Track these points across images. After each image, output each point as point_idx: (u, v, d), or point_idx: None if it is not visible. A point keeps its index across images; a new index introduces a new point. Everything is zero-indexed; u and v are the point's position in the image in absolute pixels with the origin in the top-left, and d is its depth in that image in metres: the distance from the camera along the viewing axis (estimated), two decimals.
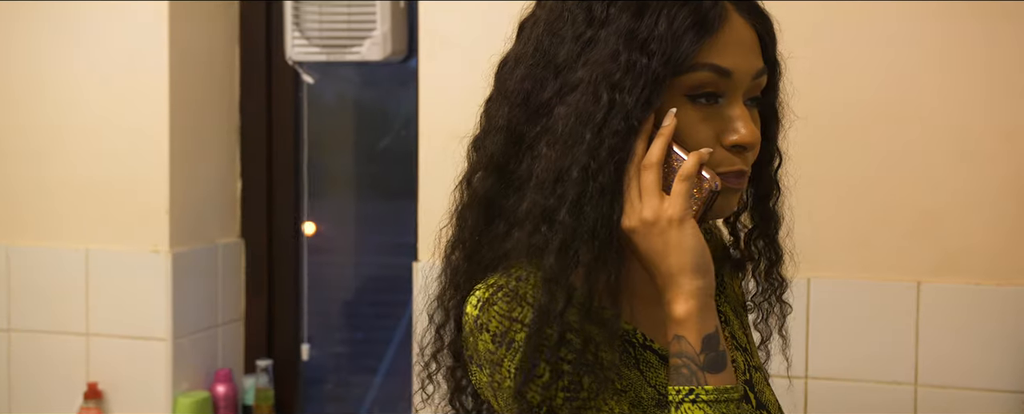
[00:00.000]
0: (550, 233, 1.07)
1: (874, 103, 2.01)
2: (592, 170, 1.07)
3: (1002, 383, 1.96)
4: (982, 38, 1.95)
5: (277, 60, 2.62)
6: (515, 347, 1.07)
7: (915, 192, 2.00)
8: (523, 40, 1.18)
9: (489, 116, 1.20)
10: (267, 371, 2.60)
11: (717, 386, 1.06)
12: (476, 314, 1.10)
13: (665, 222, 1.07)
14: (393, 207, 2.73)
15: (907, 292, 2.00)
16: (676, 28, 1.08)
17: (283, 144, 2.67)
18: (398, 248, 2.71)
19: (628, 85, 1.08)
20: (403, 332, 2.71)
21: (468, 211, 1.20)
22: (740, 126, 1.11)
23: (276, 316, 2.70)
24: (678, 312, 1.07)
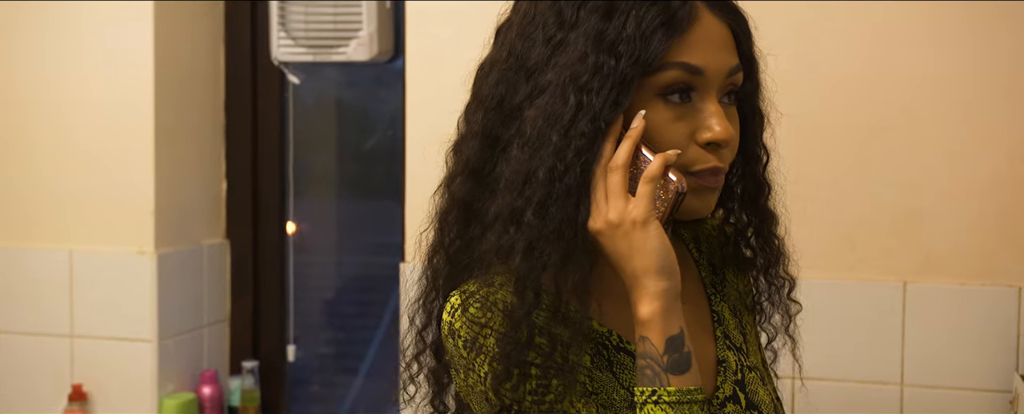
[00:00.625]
0: (517, 234, 1.08)
1: (858, 104, 2.02)
2: (558, 171, 1.08)
3: (988, 382, 1.97)
4: (968, 39, 1.97)
5: (263, 60, 2.61)
6: (485, 351, 1.08)
7: (900, 193, 2.01)
8: (498, 45, 1.19)
9: (467, 121, 1.21)
10: (253, 372, 2.59)
11: (680, 387, 1.06)
12: (450, 320, 1.11)
13: (629, 224, 1.07)
14: (378, 207, 2.73)
15: (893, 292, 2.01)
16: (644, 28, 1.08)
17: (268, 144, 2.66)
18: (384, 248, 2.71)
19: (595, 86, 1.08)
20: (384, 331, 2.71)
21: (447, 215, 1.21)
22: (714, 123, 1.11)
23: (261, 317, 2.69)
24: (642, 313, 1.08)
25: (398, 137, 2.49)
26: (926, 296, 2.00)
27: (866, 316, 2.03)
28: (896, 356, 2.02)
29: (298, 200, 2.68)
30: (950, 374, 1.99)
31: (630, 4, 1.10)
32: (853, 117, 2.02)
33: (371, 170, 2.73)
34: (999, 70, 1.95)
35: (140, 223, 2.42)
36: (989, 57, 1.95)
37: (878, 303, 2.02)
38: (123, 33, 2.39)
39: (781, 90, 1.22)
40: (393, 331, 2.66)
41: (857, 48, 2.02)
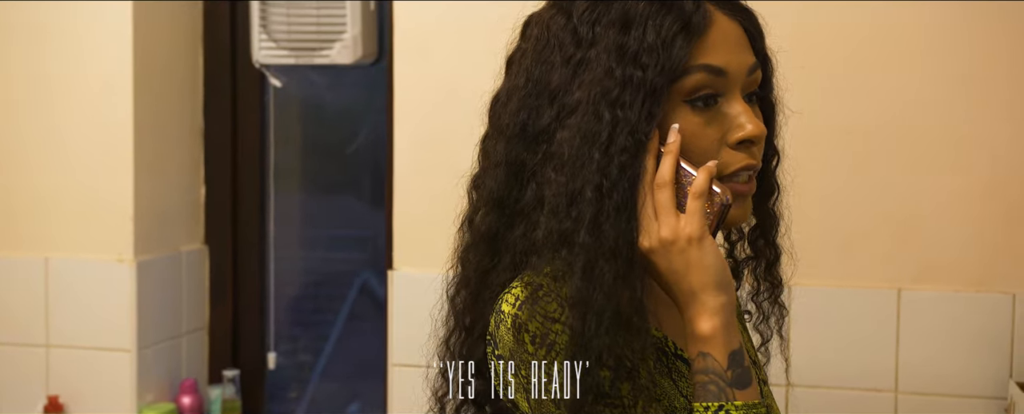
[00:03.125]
0: (572, 256, 1.06)
1: (855, 111, 2.01)
2: (606, 188, 1.07)
3: (981, 390, 1.97)
4: (965, 47, 1.96)
5: (242, 63, 2.56)
6: (556, 350, 1.06)
7: (896, 200, 2.00)
8: (512, 74, 1.18)
9: (486, 154, 1.20)
10: (234, 381, 2.54)
11: (746, 402, 1.06)
12: (515, 312, 1.09)
13: (684, 241, 1.07)
14: (362, 212, 2.69)
15: (888, 299, 2.01)
16: (664, 36, 1.08)
17: (248, 149, 2.61)
18: (368, 253, 2.67)
19: (628, 100, 1.07)
20: (340, 328, 2.67)
21: (471, 251, 1.19)
22: (744, 121, 1.11)
23: (241, 324, 2.64)
24: (703, 329, 1.07)
25: (382, 141, 2.45)
26: (921, 303, 2.00)
27: (861, 323, 2.02)
28: (891, 363, 2.01)
29: (279, 205, 2.64)
30: (945, 381, 1.99)
31: (645, 15, 1.10)
32: (849, 124, 2.01)
33: (354, 174, 2.69)
34: (995, 78, 1.95)
35: (119, 230, 2.36)
36: (985, 65, 1.95)
37: (873, 310, 2.01)
38: (101, 36, 2.33)
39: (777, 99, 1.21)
40: (349, 330, 2.62)
41: (854, 55, 2.01)
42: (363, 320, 2.67)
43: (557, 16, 1.14)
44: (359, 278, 2.67)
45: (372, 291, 2.65)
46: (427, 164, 2.20)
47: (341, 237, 2.74)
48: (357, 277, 2.67)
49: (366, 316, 2.67)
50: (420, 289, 2.19)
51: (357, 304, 2.67)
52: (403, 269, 2.24)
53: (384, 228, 2.39)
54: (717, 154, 1.11)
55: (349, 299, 2.67)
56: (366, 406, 2.68)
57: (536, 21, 1.17)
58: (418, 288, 2.20)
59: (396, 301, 2.24)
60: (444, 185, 2.17)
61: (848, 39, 2.01)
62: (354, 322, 2.68)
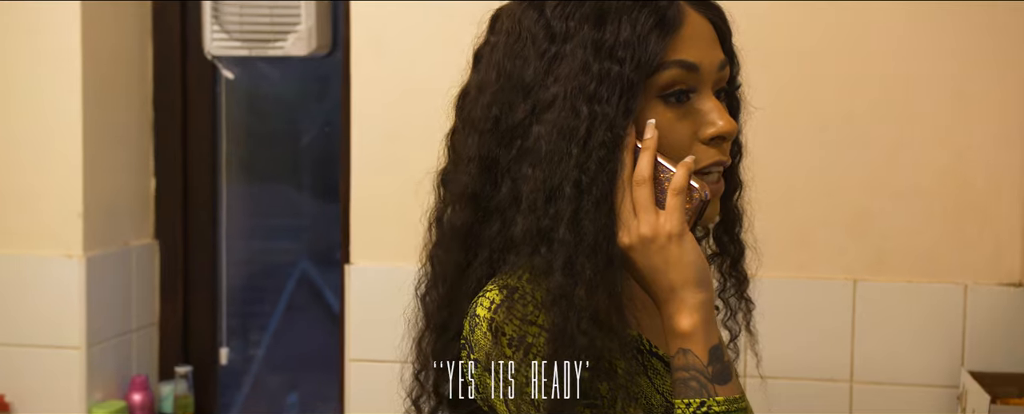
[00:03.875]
0: (551, 253, 1.06)
1: (810, 105, 2.03)
2: (585, 184, 1.06)
3: (934, 378, 2.01)
4: (917, 42, 1.99)
5: (193, 54, 2.52)
6: (533, 352, 1.06)
7: (852, 192, 2.03)
8: (482, 68, 1.16)
9: (455, 149, 1.18)
10: (186, 377, 2.51)
11: (727, 397, 1.06)
12: (490, 316, 1.08)
13: (664, 238, 1.07)
14: (316, 207, 2.66)
15: (844, 290, 2.03)
16: (640, 31, 1.08)
17: (200, 141, 2.57)
18: (323, 248, 2.65)
19: (605, 95, 1.07)
20: (278, 320, 2.65)
21: (441, 248, 1.18)
22: (716, 118, 1.12)
23: (192, 320, 2.61)
24: (683, 326, 1.07)
25: (337, 134, 2.43)
26: (876, 294, 2.02)
27: (818, 314, 2.04)
28: (846, 353, 2.04)
29: (231, 198, 2.60)
30: (899, 371, 2.02)
31: (619, 10, 1.10)
32: (804, 118, 2.03)
33: (306, 166, 2.67)
34: (947, 72, 1.98)
35: (67, 225, 2.31)
36: (937, 60, 1.98)
37: (829, 301, 2.04)
38: (48, 27, 2.28)
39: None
40: (287, 321, 2.60)
41: (808, 49, 2.03)
42: (304, 310, 2.65)
43: (529, 10, 1.13)
44: (296, 269, 2.65)
45: (311, 281, 2.63)
46: (383, 158, 2.19)
47: (289, 227, 2.71)
48: (294, 268, 2.65)
49: (306, 307, 2.65)
50: (376, 283, 2.20)
51: (296, 295, 2.65)
52: (359, 263, 2.22)
53: (337, 221, 2.37)
54: (689, 149, 1.11)
55: (286, 290, 2.65)
56: (307, 396, 2.66)
57: (506, 15, 1.16)
58: (374, 282, 2.20)
59: (352, 296, 2.22)
60: (400, 179, 2.19)
61: (804, 36, 2.03)
62: (296, 313, 2.66)
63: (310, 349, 2.66)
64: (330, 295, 2.61)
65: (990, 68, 1.96)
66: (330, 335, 2.56)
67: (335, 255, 2.53)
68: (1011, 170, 1.96)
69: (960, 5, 1.96)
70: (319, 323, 2.64)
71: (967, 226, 1.99)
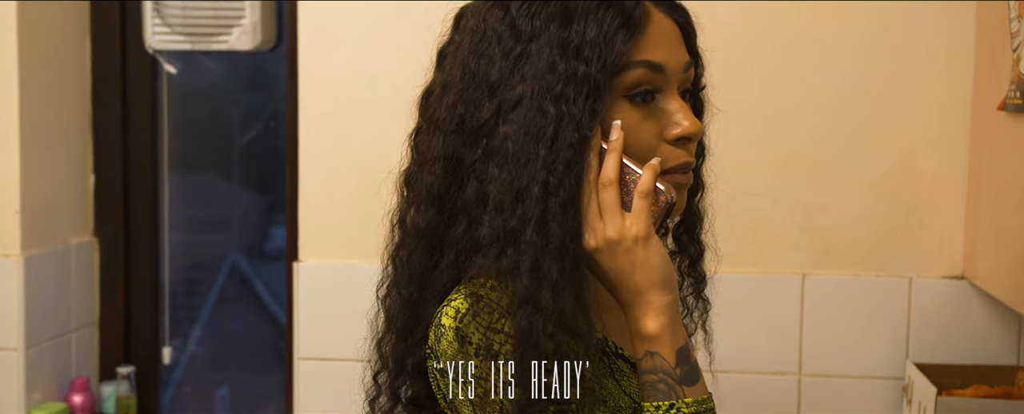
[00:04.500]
0: (518, 255, 1.05)
1: (759, 101, 2.05)
2: (552, 185, 1.06)
3: (880, 370, 2.04)
4: (865, 39, 2.02)
5: (133, 48, 2.46)
6: (499, 360, 1.05)
7: (800, 188, 2.05)
8: (446, 67, 1.15)
9: (419, 149, 1.17)
10: (128, 378, 2.46)
11: (695, 398, 1.06)
12: (458, 326, 1.07)
13: (630, 241, 1.07)
14: (260, 203, 2.63)
15: (793, 284, 2.06)
16: (606, 31, 1.07)
17: (140, 137, 2.51)
18: (269, 245, 2.61)
19: (572, 95, 1.06)
20: (208, 312, 2.62)
21: (405, 249, 1.17)
22: (681, 118, 1.12)
23: (133, 319, 2.55)
24: (649, 328, 1.07)
25: (284, 129, 2.39)
26: (824, 288, 2.05)
27: (767, 308, 2.07)
28: (795, 346, 2.07)
29: (173, 194, 2.55)
30: (846, 363, 2.05)
31: (585, 10, 1.09)
32: (754, 114, 2.05)
33: (253, 162, 2.63)
34: (894, 73, 2.01)
35: (4, 223, 2.25)
36: (885, 57, 2.01)
37: (779, 295, 2.06)
38: None
39: None
40: (216, 314, 2.58)
41: (758, 46, 2.05)
42: (234, 302, 2.62)
43: (494, 9, 1.12)
44: (227, 262, 2.62)
45: (241, 273, 2.60)
46: (332, 154, 2.16)
47: (223, 220, 2.68)
48: (225, 261, 2.62)
49: (237, 298, 2.62)
50: (326, 281, 2.17)
51: (227, 288, 2.62)
52: (308, 261, 2.20)
53: (266, 213, 2.33)
54: (655, 150, 1.11)
55: (218, 283, 2.61)
56: (240, 391, 2.63)
57: (471, 13, 1.15)
58: (324, 280, 2.17)
59: (301, 294, 2.19)
60: (350, 175, 2.16)
61: (756, 36, 2.04)
62: (227, 306, 2.63)
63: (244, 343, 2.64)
64: (261, 288, 2.59)
65: (935, 69, 1.99)
66: (264, 329, 2.54)
67: (265, 247, 2.51)
68: (955, 167, 2.00)
69: (907, 6, 1.99)
70: (252, 316, 2.62)
71: (912, 221, 2.03)
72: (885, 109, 2.01)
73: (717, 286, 2.04)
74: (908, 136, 2.01)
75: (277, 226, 2.61)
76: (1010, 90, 1.71)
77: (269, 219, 2.62)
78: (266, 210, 2.62)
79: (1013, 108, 1.69)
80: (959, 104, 1.98)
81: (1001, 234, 1.79)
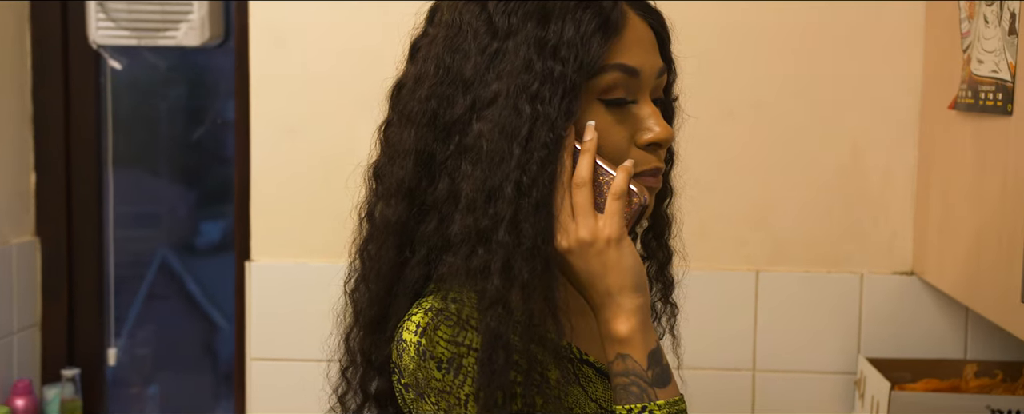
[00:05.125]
0: (489, 255, 1.04)
1: (713, 100, 2.06)
2: (525, 186, 1.05)
3: (833, 366, 2.07)
4: (817, 39, 2.04)
5: (76, 43, 2.41)
6: (464, 373, 1.04)
7: (753, 185, 2.07)
8: (420, 60, 1.14)
9: (389, 142, 1.16)
10: (74, 380, 2.40)
11: (667, 399, 1.07)
12: (417, 341, 1.06)
13: (603, 242, 1.07)
14: (211, 201, 2.58)
15: (746, 281, 2.07)
16: (583, 32, 1.07)
17: (83, 134, 2.46)
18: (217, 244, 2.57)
19: (547, 95, 1.06)
20: (135, 314, 2.58)
21: (373, 243, 1.15)
22: (653, 124, 1.13)
23: (77, 320, 2.50)
24: (621, 331, 1.07)
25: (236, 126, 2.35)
26: (776, 284, 2.07)
27: (721, 305, 2.08)
28: (749, 343, 2.08)
29: (117, 192, 2.50)
30: (799, 359, 2.08)
31: (563, 9, 1.09)
32: (708, 112, 2.06)
33: (201, 160, 2.58)
34: (844, 68, 2.03)
35: None
36: (835, 56, 2.03)
37: (732, 292, 2.08)
38: None
39: None
40: (145, 315, 2.54)
41: (712, 48, 2.06)
42: (164, 299, 2.59)
43: (470, 4, 1.11)
44: (156, 257, 2.58)
45: (170, 269, 2.56)
46: (284, 152, 2.13)
47: (151, 215, 2.64)
48: (154, 257, 2.58)
49: (168, 295, 2.59)
50: (278, 280, 2.14)
51: (156, 284, 2.58)
52: (260, 260, 2.17)
53: (195, 209, 2.30)
54: (626, 154, 1.11)
55: (147, 278, 2.57)
56: (170, 389, 2.59)
57: (447, 8, 1.14)
58: (276, 279, 2.14)
59: (253, 293, 2.16)
60: (302, 174, 2.13)
61: (707, 35, 2.05)
62: (157, 302, 2.59)
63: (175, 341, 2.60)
64: (192, 284, 2.55)
65: (885, 68, 2.02)
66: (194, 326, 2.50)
67: (194, 243, 2.48)
68: (904, 164, 2.03)
69: (858, 5, 2.01)
70: (181, 312, 2.59)
71: (863, 218, 2.05)
72: (836, 108, 2.04)
73: None
74: (858, 134, 2.04)
75: (206, 221, 2.57)
76: (961, 89, 1.73)
77: (198, 214, 2.58)
78: (194, 205, 2.58)
79: (964, 107, 1.72)
80: (908, 103, 2.01)
81: (951, 230, 1.82)
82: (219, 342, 2.59)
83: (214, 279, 2.54)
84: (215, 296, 2.56)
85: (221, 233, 2.57)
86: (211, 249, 2.58)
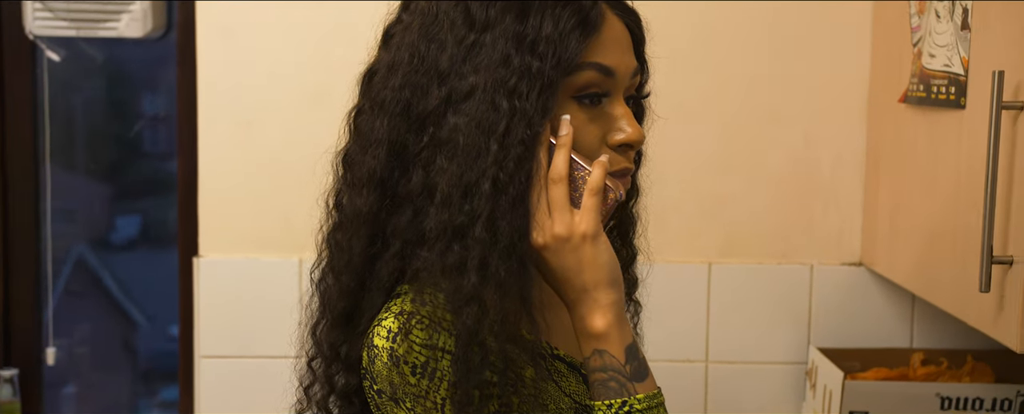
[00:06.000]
0: (466, 251, 1.03)
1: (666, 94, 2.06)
2: (502, 182, 1.04)
3: (784, 356, 2.10)
4: (766, 35, 2.05)
5: (11, 34, 2.33)
6: (440, 376, 1.03)
7: (706, 179, 2.08)
8: (394, 47, 1.13)
9: (360, 130, 1.14)
10: (12, 381, 2.34)
11: (647, 393, 1.07)
12: (391, 346, 1.04)
13: (579, 238, 1.07)
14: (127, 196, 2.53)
15: (699, 273, 2.09)
16: (562, 28, 1.07)
17: (19, 128, 2.39)
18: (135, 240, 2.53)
19: (525, 91, 1.06)
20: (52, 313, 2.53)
21: (343, 233, 1.14)
22: (625, 125, 1.13)
23: (13, 320, 2.43)
24: (597, 327, 1.07)
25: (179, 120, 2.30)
26: (728, 276, 2.09)
27: (675, 297, 2.09)
28: (702, 334, 2.10)
29: (56, 187, 2.43)
30: (751, 350, 2.10)
31: (542, 5, 1.08)
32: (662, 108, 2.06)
33: (142, 154, 2.53)
34: (796, 65, 2.06)
35: None
36: (787, 52, 2.05)
37: (685, 284, 2.09)
38: None
39: None
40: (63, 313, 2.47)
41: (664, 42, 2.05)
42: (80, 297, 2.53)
43: None
44: (72, 253, 2.52)
45: (85, 264, 2.51)
46: (233, 146, 2.09)
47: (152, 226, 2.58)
48: (69, 252, 2.52)
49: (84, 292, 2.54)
50: (227, 277, 2.10)
51: (71, 281, 2.52)
52: (209, 256, 2.13)
53: (111, 204, 2.25)
54: (597, 153, 1.12)
55: (63, 275, 2.51)
56: (84, 388, 2.54)
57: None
58: (225, 276, 2.11)
59: (202, 290, 2.12)
60: (252, 169, 2.10)
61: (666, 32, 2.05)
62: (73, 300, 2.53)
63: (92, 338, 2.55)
64: (109, 280, 2.50)
65: (835, 64, 2.05)
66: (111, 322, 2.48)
67: (109, 238, 2.44)
68: (853, 157, 2.06)
69: (808, 5, 2.04)
70: (99, 310, 2.54)
71: (813, 210, 2.08)
72: (788, 103, 2.06)
73: None
74: (810, 129, 2.06)
75: (122, 216, 2.52)
76: (912, 83, 1.77)
77: (114, 209, 2.53)
78: (109, 200, 2.53)
79: (915, 101, 1.75)
80: (855, 99, 2.04)
81: (902, 221, 1.85)
82: (139, 339, 2.55)
83: (132, 276, 2.49)
84: (132, 292, 2.51)
85: (137, 228, 2.52)
86: (127, 245, 2.53)
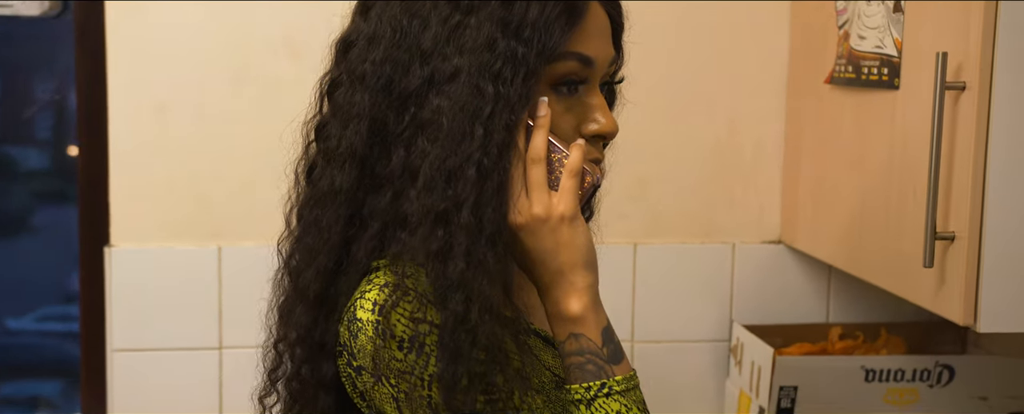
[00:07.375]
0: (452, 237, 1.02)
1: None
2: (486, 168, 1.03)
3: (709, 334, 2.14)
4: (691, 22, 2.08)
5: None
6: (427, 352, 1.01)
7: (633, 161, 2.09)
8: (373, 19, 1.10)
9: (337, 102, 1.11)
10: None
11: (624, 375, 1.08)
12: (375, 319, 1.02)
13: (556, 219, 1.07)
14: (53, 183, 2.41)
15: (625, 254, 2.11)
16: (547, 15, 1.07)
17: None
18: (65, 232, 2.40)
19: (509, 76, 1.05)
20: None
21: (317, 209, 1.10)
22: (600, 116, 1.14)
23: None
24: (573, 309, 1.07)
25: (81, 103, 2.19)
26: (653, 256, 2.12)
27: (602, 278, 2.09)
28: (627, 314, 2.12)
29: None
30: (676, 328, 2.13)
31: None
32: None
33: (38, 142, 2.40)
34: (718, 48, 2.09)
35: None
36: (711, 38, 2.08)
37: (612, 265, 2.09)
38: None
39: None
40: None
41: None
42: None
43: None
44: None
45: None
46: (146, 130, 2.00)
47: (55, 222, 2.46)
48: None
49: None
50: (142, 267, 2.02)
51: None
52: (122, 245, 2.03)
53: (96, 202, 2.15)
54: (570, 141, 1.12)
55: None
56: None
57: None
58: (140, 265, 2.02)
59: (114, 281, 2.02)
60: (166, 155, 2.02)
61: None
62: None
63: None
64: None
65: (755, 47, 2.09)
66: None
67: None
68: (773, 140, 2.11)
69: (726, 5, 2.07)
70: None
71: (735, 189, 2.12)
72: (711, 85, 2.09)
73: None
74: (733, 111, 2.10)
75: None
76: (838, 65, 1.81)
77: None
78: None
79: (843, 82, 1.80)
80: (774, 86, 2.09)
81: (825, 199, 1.90)
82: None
83: None
84: None
85: None
86: None
